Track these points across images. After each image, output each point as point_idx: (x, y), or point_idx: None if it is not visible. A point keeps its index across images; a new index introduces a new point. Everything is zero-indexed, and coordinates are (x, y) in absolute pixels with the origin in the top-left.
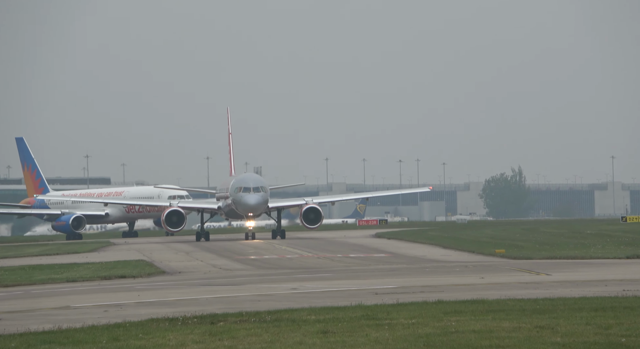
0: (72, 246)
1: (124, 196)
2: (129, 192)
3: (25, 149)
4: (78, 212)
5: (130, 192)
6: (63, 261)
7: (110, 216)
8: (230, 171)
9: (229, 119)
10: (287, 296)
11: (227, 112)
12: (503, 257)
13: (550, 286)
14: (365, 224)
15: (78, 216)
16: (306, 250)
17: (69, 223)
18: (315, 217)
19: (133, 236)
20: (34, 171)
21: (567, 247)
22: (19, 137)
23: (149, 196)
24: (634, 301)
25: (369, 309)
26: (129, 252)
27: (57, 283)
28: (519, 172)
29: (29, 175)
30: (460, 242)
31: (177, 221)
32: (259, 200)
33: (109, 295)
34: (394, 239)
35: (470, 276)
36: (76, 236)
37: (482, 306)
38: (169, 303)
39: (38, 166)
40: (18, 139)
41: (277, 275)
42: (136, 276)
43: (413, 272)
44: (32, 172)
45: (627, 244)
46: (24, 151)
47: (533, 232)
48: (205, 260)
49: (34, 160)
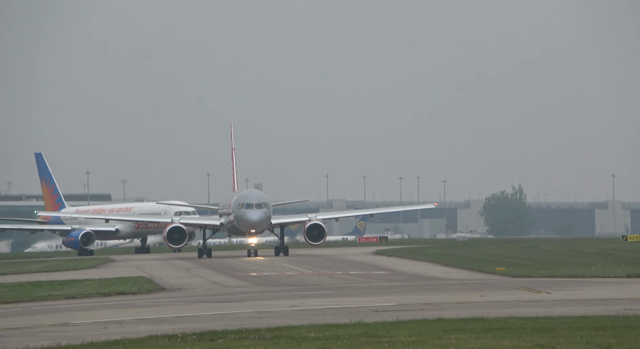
0: (71, 262)
1: (133, 212)
2: (139, 208)
3: (44, 165)
4: (87, 228)
5: (140, 208)
6: (62, 277)
7: (121, 232)
8: (234, 187)
9: (232, 134)
10: (286, 313)
11: (230, 127)
12: (503, 275)
13: (551, 305)
14: (366, 241)
15: (87, 232)
16: (306, 267)
17: (78, 239)
18: (318, 234)
19: (145, 252)
20: (51, 187)
21: (568, 265)
22: (38, 152)
23: (156, 212)
24: (635, 320)
25: (369, 326)
26: (128, 268)
27: (57, 299)
28: (520, 190)
29: (47, 190)
30: (461, 260)
31: (178, 237)
32: (262, 217)
33: (109, 312)
34: (394, 256)
35: (471, 294)
36: (87, 252)
37: (482, 324)
38: (169, 320)
39: (55, 182)
40: (37, 154)
41: (277, 292)
42: (136, 292)
43: (413, 289)
44: (49, 187)
45: (628, 263)
46: (42, 166)
47: (533, 251)
48: (205, 277)
49: (51, 175)
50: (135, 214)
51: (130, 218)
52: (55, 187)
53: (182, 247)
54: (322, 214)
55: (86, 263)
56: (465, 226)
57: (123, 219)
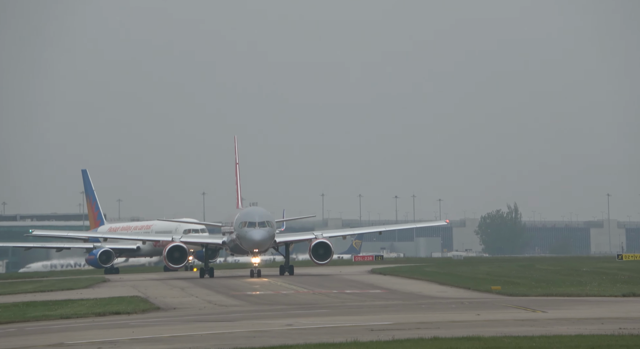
0: (66, 282)
1: (151, 230)
2: (156, 226)
3: (88, 181)
4: (107, 247)
5: (157, 225)
6: (57, 297)
7: (142, 250)
8: (237, 203)
9: (235, 148)
10: (282, 332)
11: (234, 141)
12: (499, 294)
13: (547, 324)
14: (361, 260)
15: (106, 250)
16: (302, 286)
17: (97, 257)
18: (325, 253)
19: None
20: (93, 203)
21: (564, 284)
22: (84, 169)
23: (168, 231)
24: (631, 340)
25: (365, 345)
26: (123, 288)
27: (51, 319)
28: (515, 209)
29: (90, 207)
30: (457, 278)
31: (179, 257)
32: (265, 236)
33: (103, 332)
34: (389, 275)
35: (466, 313)
36: (112, 271)
37: (478, 343)
38: (164, 340)
39: (97, 199)
40: (83, 171)
41: (273, 311)
42: (131, 312)
43: (409, 308)
44: (92, 204)
45: (624, 282)
46: (87, 183)
47: (529, 269)
48: (201, 296)
49: (94, 192)
50: (152, 232)
51: (129, 237)
52: (97, 204)
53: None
54: (328, 232)
55: (81, 282)
56: (461, 245)
57: (120, 237)
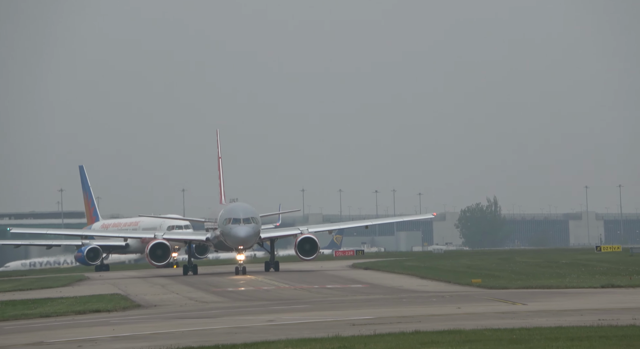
0: (45, 281)
1: (139, 227)
2: (143, 223)
3: (85, 177)
4: (94, 244)
5: (144, 222)
6: (36, 296)
7: (131, 247)
8: (220, 199)
9: (218, 142)
10: (263, 328)
11: (216, 135)
12: (479, 287)
13: (527, 316)
14: (342, 255)
15: (93, 247)
16: (283, 281)
17: (84, 255)
18: (311, 248)
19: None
20: (89, 199)
21: (543, 276)
22: (81, 165)
23: (154, 227)
24: (609, 331)
25: (346, 340)
26: (103, 286)
27: (31, 318)
28: (495, 202)
29: (87, 203)
30: (437, 272)
31: (162, 254)
32: (250, 232)
33: (84, 330)
34: (370, 269)
35: (447, 306)
36: (103, 268)
37: (459, 336)
38: (145, 337)
39: (93, 195)
40: (80, 167)
41: (254, 307)
42: (111, 310)
43: (390, 302)
44: (88, 200)
45: (602, 273)
46: (84, 179)
47: (509, 262)
48: (181, 293)
49: (90, 189)
50: (140, 228)
51: (111, 234)
52: (93, 201)
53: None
54: (314, 227)
55: (60, 281)
56: (441, 239)
57: (103, 235)
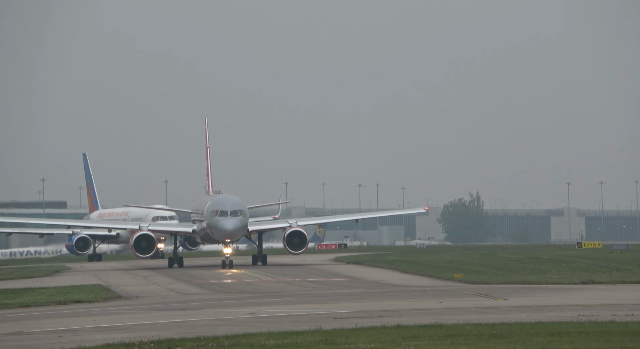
0: (25, 271)
1: (129, 217)
2: (132, 213)
3: (87, 166)
4: (83, 233)
5: (134, 212)
6: (16, 285)
7: (121, 237)
8: (208, 189)
9: (206, 131)
10: (245, 320)
11: (204, 124)
12: (461, 282)
13: (508, 311)
14: (325, 249)
15: (82, 236)
16: (265, 274)
17: (73, 244)
18: (300, 242)
19: (159, 257)
20: (91, 188)
21: (524, 272)
22: (84, 152)
23: (140, 218)
24: (589, 326)
25: (328, 333)
26: (85, 276)
27: (10, 308)
28: (477, 198)
29: (89, 191)
30: (419, 266)
31: (147, 246)
32: (237, 225)
33: (64, 320)
34: (353, 263)
35: (429, 301)
36: (95, 257)
37: (440, 331)
38: (125, 328)
39: (94, 184)
40: (83, 154)
41: (236, 299)
42: (92, 300)
43: (372, 296)
44: (89, 188)
45: (582, 269)
46: (87, 168)
47: (490, 258)
48: (163, 284)
49: (91, 177)
50: (129, 219)
51: (102, 225)
52: (94, 189)
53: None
54: (303, 220)
55: (41, 271)
56: (423, 233)
57: (84, 225)
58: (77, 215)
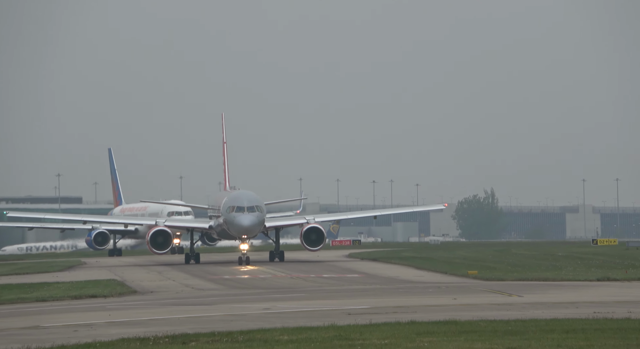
0: (41, 265)
1: (147, 212)
2: (150, 208)
3: (112, 161)
4: (102, 228)
5: (151, 208)
6: (33, 280)
7: (140, 232)
8: (225, 185)
9: (223, 126)
10: (259, 316)
11: (221, 118)
12: (475, 278)
13: (522, 308)
14: (339, 245)
15: (101, 231)
16: (279, 270)
17: (92, 239)
18: (317, 238)
19: (177, 253)
20: (115, 183)
21: (539, 269)
22: (109, 147)
23: (155, 213)
24: (605, 323)
25: (342, 329)
26: (100, 271)
27: (27, 302)
28: (492, 194)
29: (114, 186)
30: (434, 263)
31: (163, 242)
32: (254, 221)
33: (80, 315)
34: (367, 259)
35: (443, 297)
36: (115, 252)
37: (454, 327)
38: (140, 323)
39: (118, 178)
40: (108, 149)
41: (250, 295)
42: (107, 295)
43: (386, 292)
44: (114, 183)
45: (598, 266)
46: (112, 162)
47: (505, 254)
48: (178, 280)
49: (116, 171)
50: (147, 214)
51: (117, 220)
52: (118, 184)
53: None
54: (320, 216)
55: (57, 265)
56: (437, 230)
57: (99, 220)
58: (92, 210)
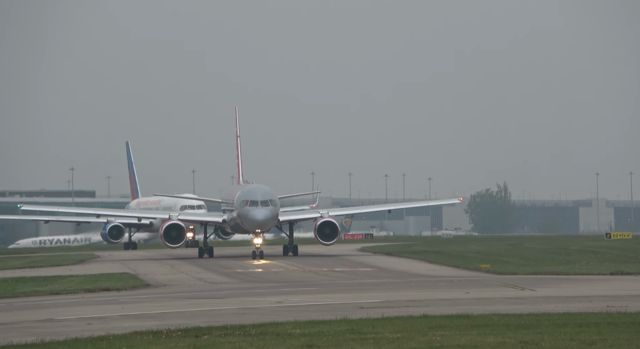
0: (55, 258)
1: (161, 205)
2: (164, 202)
3: (129, 154)
4: (117, 221)
5: (165, 201)
6: (47, 273)
7: (154, 225)
8: (238, 179)
9: (236, 120)
10: (272, 309)
11: (235, 112)
12: (488, 272)
13: (535, 302)
14: (351, 239)
15: (116, 225)
16: (291, 264)
17: (107, 232)
18: (331, 232)
19: (193, 246)
20: (132, 176)
21: (552, 263)
22: (127, 141)
23: (169, 207)
24: (618, 317)
25: (354, 323)
26: (113, 264)
27: (41, 295)
28: (504, 188)
29: (131, 179)
30: (446, 257)
31: (176, 235)
32: (268, 215)
33: (93, 308)
34: (379, 253)
35: (456, 291)
36: (130, 246)
37: (467, 321)
38: (153, 316)
39: (135, 172)
40: (126, 143)
41: (262, 288)
42: (120, 288)
43: (398, 286)
44: (131, 176)
45: (611, 260)
46: (129, 156)
47: (518, 248)
48: (190, 273)
49: (133, 165)
50: (161, 208)
51: (125, 213)
52: (135, 177)
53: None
54: (334, 210)
55: (70, 258)
56: (450, 224)
57: (113, 214)
58: (106, 204)
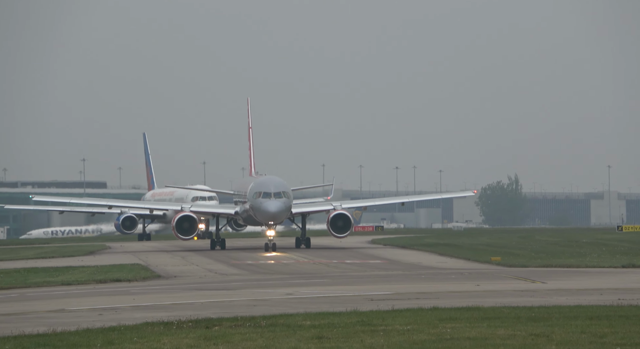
0: (67, 249)
1: (173, 197)
2: (177, 193)
3: (146, 145)
4: (130, 212)
5: (178, 193)
6: (58, 264)
7: (168, 217)
8: (250, 170)
9: (249, 111)
10: (282, 301)
11: (247, 103)
12: (499, 265)
13: (546, 294)
14: (362, 231)
15: (129, 215)
16: (302, 256)
17: (120, 223)
18: (344, 225)
19: (206, 237)
20: (148, 167)
21: (563, 255)
22: (144, 132)
23: (181, 198)
24: (629, 310)
25: (364, 315)
26: (124, 256)
27: (52, 286)
28: (516, 181)
29: (147, 171)
30: (456, 249)
31: (189, 227)
32: (281, 207)
33: (104, 298)
34: (390, 245)
35: (466, 283)
36: (144, 237)
37: (477, 313)
38: (164, 307)
39: (151, 163)
40: (143, 134)
41: (273, 280)
42: (131, 279)
43: (409, 278)
44: (147, 167)
45: (623, 253)
46: (146, 147)
47: (529, 241)
48: (201, 265)
49: (149, 156)
50: (174, 199)
51: (136, 205)
52: (151, 169)
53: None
54: (347, 203)
55: (82, 249)
56: (461, 216)
57: (123, 205)
58: (117, 195)
